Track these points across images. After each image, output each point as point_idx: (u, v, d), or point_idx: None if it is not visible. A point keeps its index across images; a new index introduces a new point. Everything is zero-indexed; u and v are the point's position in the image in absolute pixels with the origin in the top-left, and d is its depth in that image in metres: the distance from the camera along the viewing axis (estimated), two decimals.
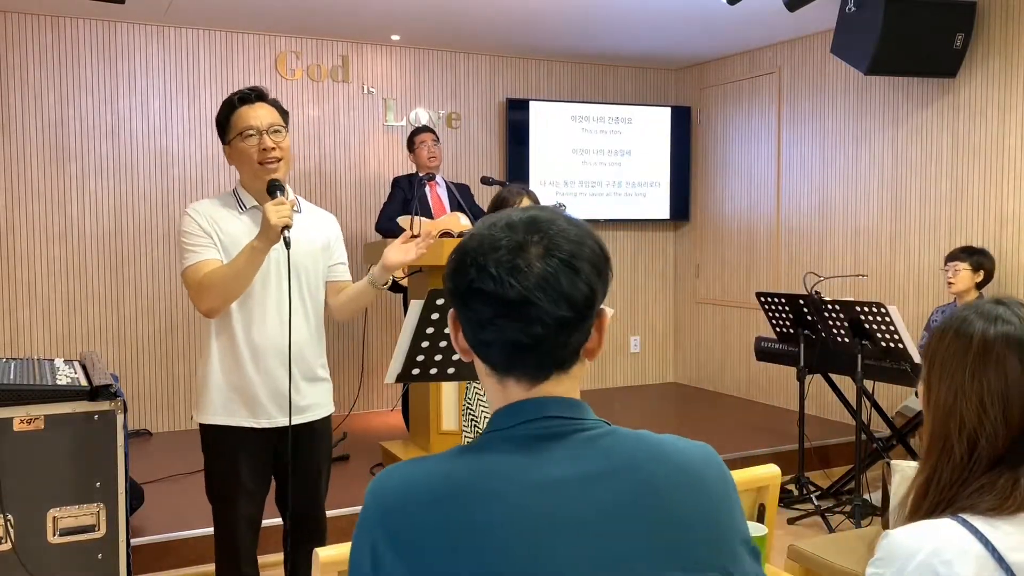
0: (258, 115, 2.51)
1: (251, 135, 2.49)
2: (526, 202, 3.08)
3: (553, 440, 1.04)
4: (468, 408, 3.15)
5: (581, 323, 1.05)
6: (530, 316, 1.01)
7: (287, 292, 2.53)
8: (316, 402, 2.64)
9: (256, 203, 2.55)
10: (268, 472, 2.64)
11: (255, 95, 2.54)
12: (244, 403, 2.54)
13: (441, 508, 0.99)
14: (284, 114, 2.59)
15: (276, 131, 2.52)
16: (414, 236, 2.66)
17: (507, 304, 1.01)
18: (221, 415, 2.54)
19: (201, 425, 2.60)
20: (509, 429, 1.05)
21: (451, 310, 1.10)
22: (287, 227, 2.38)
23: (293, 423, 2.53)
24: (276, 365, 2.54)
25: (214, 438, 2.58)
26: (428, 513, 0.99)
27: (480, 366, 1.10)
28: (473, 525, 0.98)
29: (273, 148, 2.50)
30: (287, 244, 2.39)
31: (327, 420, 2.71)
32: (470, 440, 3.08)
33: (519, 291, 1.01)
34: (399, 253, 2.59)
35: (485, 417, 3.10)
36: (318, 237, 2.65)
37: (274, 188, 2.48)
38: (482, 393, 3.13)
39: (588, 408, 1.08)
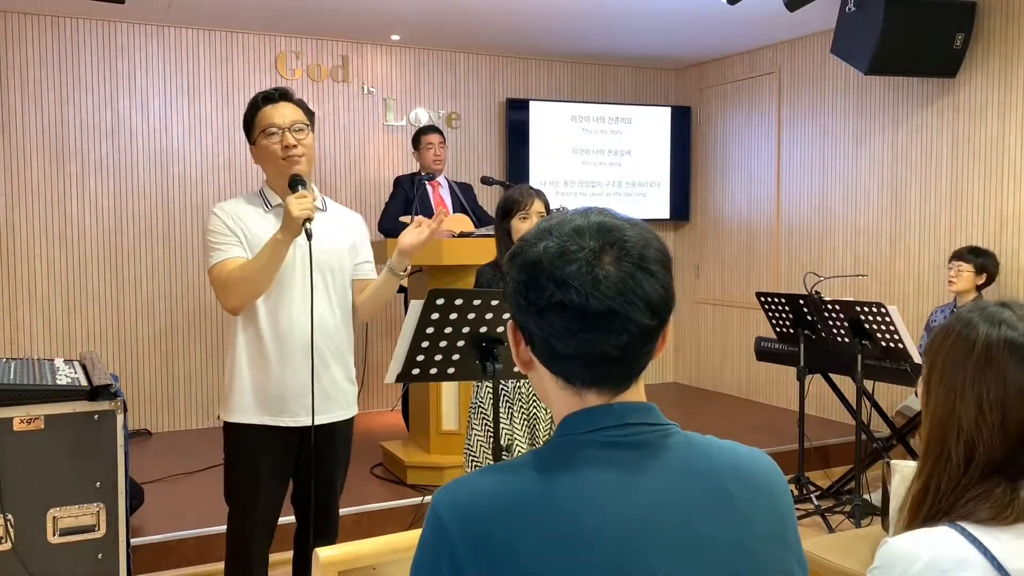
0: (281, 113, 2.53)
1: (273, 132, 2.51)
2: (539, 204, 3.08)
3: (634, 449, 1.03)
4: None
5: (662, 328, 1.04)
6: (615, 327, 1.00)
7: (311, 289, 2.54)
8: (341, 403, 2.64)
9: (281, 201, 2.56)
10: (288, 474, 2.64)
11: (279, 94, 2.56)
12: (270, 401, 2.54)
13: (531, 521, 0.97)
14: (310, 114, 2.60)
15: (299, 129, 2.53)
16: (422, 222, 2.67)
17: (592, 317, 1.00)
18: (249, 413, 2.54)
19: (227, 423, 2.59)
20: (587, 434, 1.03)
21: (510, 321, 1.08)
22: (308, 219, 2.40)
23: (318, 423, 2.53)
24: (303, 364, 2.53)
25: (240, 436, 2.57)
26: (518, 526, 0.97)
27: (547, 377, 1.07)
28: (564, 539, 0.96)
29: (295, 145, 2.51)
30: (308, 236, 2.41)
31: (350, 422, 2.70)
32: (478, 438, 3.09)
33: (604, 303, 0.99)
34: (413, 236, 2.60)
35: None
36: (344, 237, 2.65)
37: (296, 182, 2.49)
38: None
39: (658, 410, 1.08)
